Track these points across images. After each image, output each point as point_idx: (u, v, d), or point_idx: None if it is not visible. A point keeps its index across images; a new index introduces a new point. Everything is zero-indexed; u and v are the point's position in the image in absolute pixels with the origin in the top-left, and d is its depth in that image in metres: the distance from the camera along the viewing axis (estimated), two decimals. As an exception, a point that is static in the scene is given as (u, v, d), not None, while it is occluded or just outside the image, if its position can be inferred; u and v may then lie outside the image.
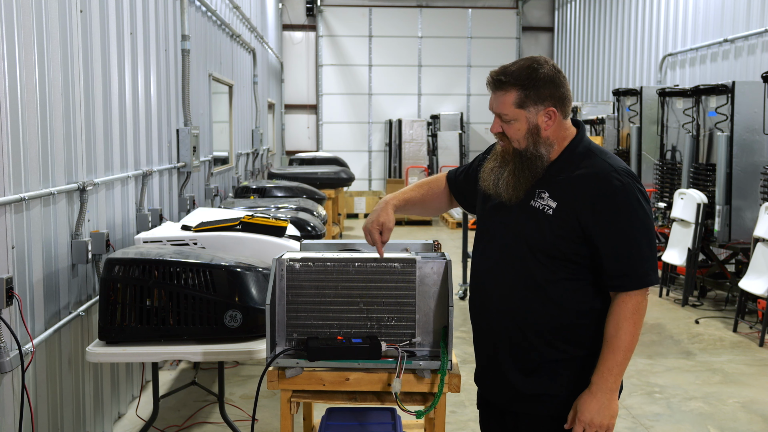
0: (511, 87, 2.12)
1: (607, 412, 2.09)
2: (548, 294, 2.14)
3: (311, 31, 17.30)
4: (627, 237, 2.07)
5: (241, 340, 3.06)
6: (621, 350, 2.08)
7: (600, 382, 2.10)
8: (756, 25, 8.89)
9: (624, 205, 2.06)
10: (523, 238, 2.15)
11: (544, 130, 2.13)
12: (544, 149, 2.15)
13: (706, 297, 7.58)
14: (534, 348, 2.18)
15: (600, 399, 2.09)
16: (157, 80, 5.21)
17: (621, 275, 2.08)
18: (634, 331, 2.08)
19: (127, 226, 4.49)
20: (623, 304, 2.09)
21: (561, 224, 2.09)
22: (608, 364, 2.09)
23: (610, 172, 2.09)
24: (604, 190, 2.07)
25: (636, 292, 2.08)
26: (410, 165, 15.55)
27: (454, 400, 4.60)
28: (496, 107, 2.17)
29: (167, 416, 4.33)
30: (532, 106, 2.12)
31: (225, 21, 8.16)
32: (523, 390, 2.21)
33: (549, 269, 2.13)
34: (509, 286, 2.19)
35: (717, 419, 4.48)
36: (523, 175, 2.15)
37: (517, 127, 2.14)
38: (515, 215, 2.18)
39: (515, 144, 2.16)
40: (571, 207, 2.09)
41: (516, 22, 17.50)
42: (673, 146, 8.20)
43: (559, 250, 2.11)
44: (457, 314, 7.06)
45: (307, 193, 7.53)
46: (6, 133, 2.94)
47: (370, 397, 2.47)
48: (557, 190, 2.12)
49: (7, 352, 2.89)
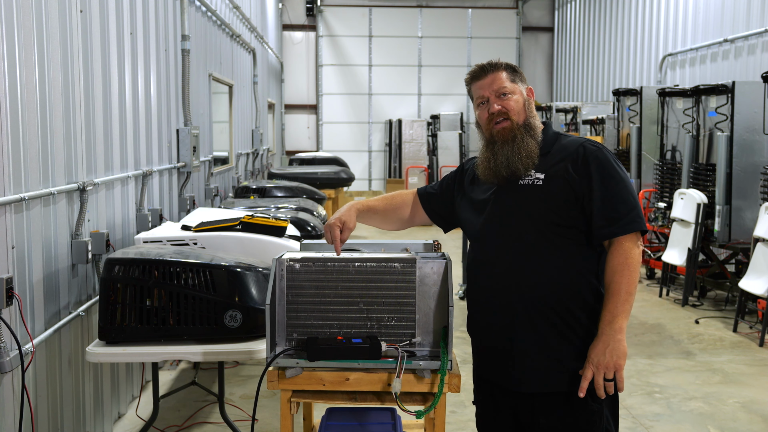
0: (500, 68, 2.38)
1: (615, 353, 2.18)
2: (555, 262, 2.25)
3: (311, 31, 17.30)
4: (611, 188, 2.24)
5: (241, 340, 3.06)
6: (621, 292, 2.19)
7: (604, 325, 2.20)
8: (756, 25, 8.89)
9: (603, 163, 2.26)
10: (523, 213, 2.29)
11: (530, 104, 2.39)
12: (537, 121, 2.38)
13: (706, 297, 7.57)
14: (542, 316, 2.26)
15: (605, 340, 2.19)
16: (157, 80, 5.22)
17: (611, 222, 2.22)
18: (630, 274, 2.21)
19: (127, 226, 4.49)
20: (616, 251, 2.23)
21: (554, 190, 2.27)
22: (609, 307, 2.20)
23: (582, 141, 2.34)
24: (582, 154, 2.28)
25: (627, 237, 2.23)
26: (410, 165, 15.56)
27: (454, 400, 4.60)
28: (494, 86, 2.35)
29: (167, 416, 4.33)
30: (520, 83, 2.39)
31: (225, 21, 8.16)
32: (539, 367, 2.27)
33: (552, 238, 2.26)
34: (512, 265, 2.28)
35: (717, 419, 4.48)
36: (527, 146, 2.31)
37: (515, 99, 2.35)
38: (506, 199, 2.33)
39: (515, 117, 2.34)
40: (558, 174, 2.28)
41: (516, 22, 17.51)
42: (673, 146, 8.20)
43: (558, 215, 2.25)
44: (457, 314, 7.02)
45: (307, 193, 7.53)
46: (6, 133, 2.94)
47: (370, 397, 2.47)
48: (541, 164, 2.32)
49: (7, 352, 2.89)
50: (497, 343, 2.34)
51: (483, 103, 2.38)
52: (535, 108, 2.41)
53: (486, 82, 2.36)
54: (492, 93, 2.35)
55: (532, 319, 2.26)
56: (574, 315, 2.26)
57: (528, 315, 2.27)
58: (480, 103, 2.39)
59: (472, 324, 2.48)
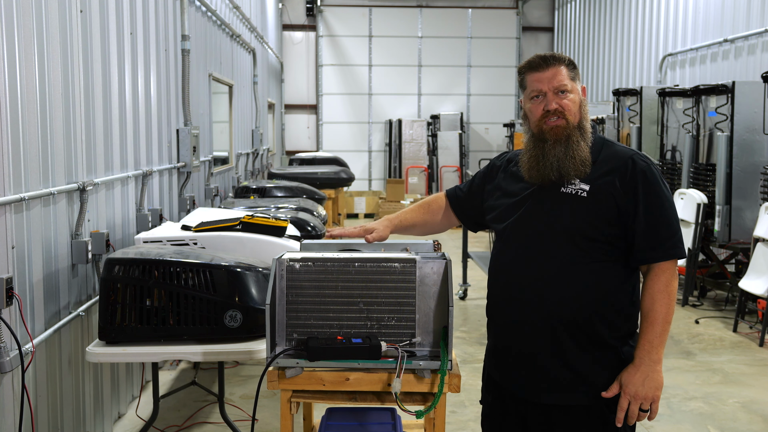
0: (561, 63, 2.23)
1: (653, 384, 2.14)
2: (585, 278, 2.17)
3: (311, 31, 17.30)
4: (656, 211, 2.15)
5: (241, 340, 3.05)
6: (659, 322, 2.14)
7: (643, 354, 2.15)
8: (756, 25, 8.89)
9: (651, 182, 2.16)
10: (560, 224, 2.19)
11: (584, 105, 2.26)
12: (589, 124, 2.26)
13: (706, 297, 7.57)
14: (569, 334, 2.19)
15: (644, 371, 2.14)
16: (157, 80, 5.22)
17: (653, 247, 2.15)
18: (668, 302, 2.15)
19: (127, 226, 4.49)
20: (656, 277, 2.16)
21: (598, 205, 2.16)
22: (648, 337, 2.15)
23: (632, 154, 2.21)
24: (631, 170, 2.17)
25: (667, 263, 2.16)
26: (410, 165, 15.56)
27: (454, 400, 4.60)
28: (554, 82, 2.20)
29: (167, 416, 4.33)
30: (577, 81, 2.25)
31: (225, 21, 8.16)
32: (560, 379, 2.21)
33: (587, 253, 2.17)
34: (542, 275, 2.20)
35: (717, 419, 4.48)
36: (581, 149, 2.20)
37: (572, 99, 2.22)
38: (545, 205, 2.22)
39: (571, 117, 2.21)
40: (604, 188, 2.17)
41: (516, 22, 17.50)
42: (673, 146, 8.20)
43: (599, 231, 2.17)
44: (457, 314, 7.06)
45: (307, 193, 7.53)
46: (6, 133, 2.94)
47: (370, 397, 2.47)
48: (587, 174, 2.20)
49: (7, 352, 2.89)
50: (516, 352, 2.28)
51: (538, 97, 2.22)
52: (587, 108, 2.30)
53: (546, 76, 2.20)
54: (551, 89, 2.19)
55: (556, 333, 2.19)
56: (599, 332, 2.18)
57: (552, 328, 2.19)
58: (534, 96, 2.23)
59: (491, 325, 2.42)
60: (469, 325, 6.57)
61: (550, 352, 2.21)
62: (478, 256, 7.44)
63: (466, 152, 16.76)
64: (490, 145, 17.60)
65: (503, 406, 2.38)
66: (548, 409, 2.25)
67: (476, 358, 5.61)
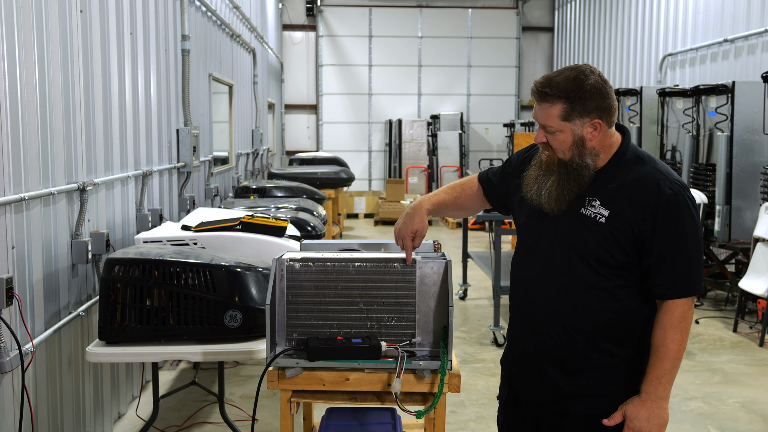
0: (557, 99, 2.07)
1: (657, 421, 2.10)
2: (597, 299, 2.12)
3: (311, 31, 17.30)
4: (677, 246, 2.06)
5: (241, 340, 3.06)
6: (669, 359, 2.08)
7: (649, 389, 2.10)
8: (756, 25, 8.89)
9: (675, 213, 2.05)
10: (574, 247, 2.13)
11: (589, 141, 2.10)
12: (589, 159, 2.12)
13: (706, 297, 7.57)
14: (580, 350, 2.16)
15: (650, 407, 2.09)
16: (157, 80, 5.22)
17: (669, 283, 2.07)
18: (681, 339, 2.08)
19: (127, 226, 4.49)
20: (670, 312, 2.08)
21: (615, 232, 2.08)
22: (656, 373, 2.10)
23: (661, 180, 2.08)
24: (656, 198, 2.05)
25: (683, 300, 2.07)
26: (410, 165, 15.55)
27: (454, 400, 4.60)
28: (541, 118, 2.12)
29: (167, 416, 4.33)
30: (578, 119, 2.08)
31: (225, 21, 8.16)
32: (568, 390, 2.19)
33: (601, 276, 2.11)
34: (556, 291, 2.17)
35: (717, 419, 4.48)
36: (567, 187, 2.13)
37: (562, 139, 2.11)
38: (563, 223, 2.16)
39: (560, 155, 2.13)
40: (623, 214, 2.07)
41: (516, 22, 17.50)
42: (673, 146, 8.20)
43: (614, 257, 2.09)
44: (457, 314, 7.05)
45: (307, 193, 7.53)
46: (6, 133, 2.94)
47: (370, 397, 2.47)
48: (608, 198, 2.10)
49: (7, 352, 2.89)
50: (529, 363, 2.27)
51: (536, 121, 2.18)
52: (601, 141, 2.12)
53: (538, 110, 2.13)
54: (540, 123, 2.14)
55: (564, 350, 2.17)
56: (606, 351, 2.16)
57: (566, 345, 2.17)
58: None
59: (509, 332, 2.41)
60: (469, 325, 6.57)
61: (559, 365, 2.20)
62: (478, 256, 7.44)
63: (466, 152, 16.76)
64: (490, 145, 17.61)
65: (518, 406, 2.36)
66: (560, 415, 2.23)
67: (476, 358, 5.61)
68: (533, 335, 2.25)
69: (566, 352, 2.18)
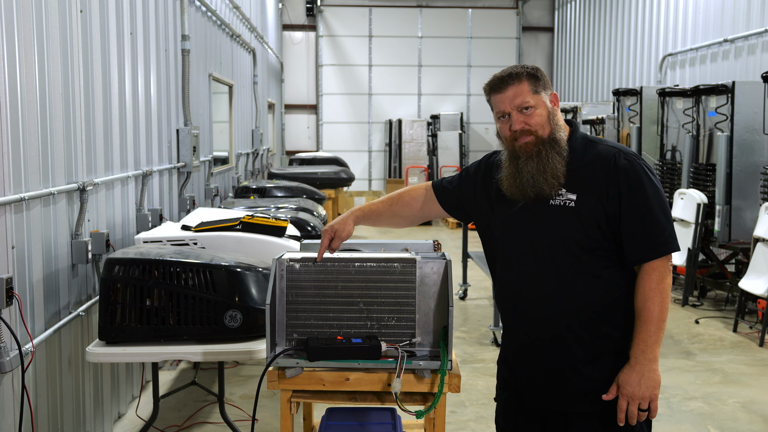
0: (522, 78, 2.19)
1: (650, 383, 2.12)
2: (586, 285, 2.16)
3: (311, 31, 17.30)
4: (642, 209, 2.13)
5: (241, 340, 3.06)
6: (653, 321, 2.11)
7: (637, 354, 2.13)
8: (756, 25, 8.89)
9: (635, 180, 2.13)
10: (555, 239, 2.17)
11: (555, 114, 2.22)
12: (562, 133, 2.22)
13: (706, 297, 7.57)
14: (582, 338, 2.18)
15: (640, 371, 2.12)
16: (157, 80, 5.22)
17: (642, 246, 2.13)
18: (662, 300, 2.12)
19: (127, 226, 4.49)
20: (647, 275, 2.13)
21: (586, 213, 2.15)
22: (642, 336, 2.13)
23: (614, 153, 2.18)
24: (614, 171, 2.14)
25: (658, 261, 2.13)
26: (410, 165, 15.55)
27: (454, 400, 4.60)
28: (516, 101, 2.19)
29: (167, 416, 4.33)
30: (543, 91, 2.21)
31: (225, 21, 8.16)
32: (573, 385, 2.20)
33: (587, 262, 2.16)
34: (545, 286, 2.19)
35: (717, 419, 4.48)
36: (552, 163, 2.17)
37: (539, 113, 2.19)
38: (538, 219, 2.20)
39: (540, 131, 2.19)
40: (590, 194, 2.15)
41: (516, 22, 17.51)
42: (673, 146, 8.20)
43: (591, 239, 2.15)
44: (457, 314, 7.05)
45: (307, 193, 7.54)
46: (6, 133, 2.94)
47: (370, 397, 2.48)
48: (572, 183, 2.18)
49: (7, 352, 2.89)
50: (528, 365, 2.28)
51: (504, 117, 2.22)
52: (560, 115, 2.25)
53: (507, 96, 2.19)
54: (514, 108, 2.18)
55: (565, 343, 2.19)
56: (606, 336, 2.18)
57: (560, 339, 2.19)
58: (500, 117, 2.24)
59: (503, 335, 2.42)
60: (469, 325, 6.57)
61: (559, 363, 2.21)
62: (478, 256, 7.43)
63: (466, 152, 16.75)
64: (490, 145, 17.60)
65: (520, 404, 2.36)
66: (565, 415, 2.24)
67: (476, 358, 5.61)
68: (533, 335, 2.25)
69: (568, 344, 2.19)
